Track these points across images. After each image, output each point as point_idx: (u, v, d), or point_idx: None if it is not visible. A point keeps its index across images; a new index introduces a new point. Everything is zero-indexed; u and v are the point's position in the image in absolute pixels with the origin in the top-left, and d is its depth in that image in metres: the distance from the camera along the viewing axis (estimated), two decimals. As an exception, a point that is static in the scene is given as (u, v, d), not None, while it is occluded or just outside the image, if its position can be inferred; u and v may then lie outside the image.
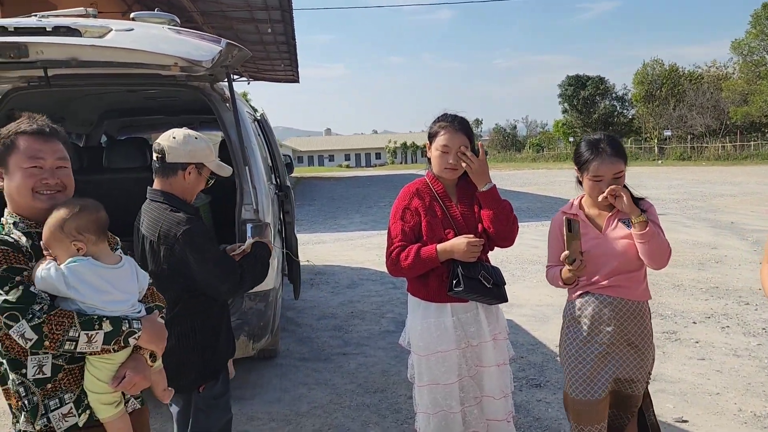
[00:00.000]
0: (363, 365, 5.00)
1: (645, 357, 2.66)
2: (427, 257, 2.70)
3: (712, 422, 3.80)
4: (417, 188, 2.85)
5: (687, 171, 30.63)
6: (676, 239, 10.40)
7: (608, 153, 2.60)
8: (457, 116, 2.80)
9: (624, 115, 55.40)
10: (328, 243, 11.44)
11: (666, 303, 6.55)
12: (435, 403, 2.75)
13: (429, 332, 2.75)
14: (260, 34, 17.58)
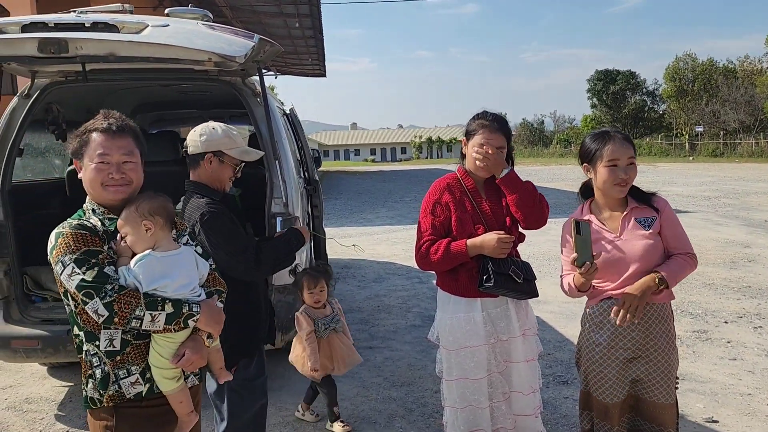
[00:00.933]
0: (389, 359, 5.03)
1: (670, 360, 2.58)
2: (456, 252, 2.71)
3: (743, 423, 3.75)
4: (448, 183, 2.86)
5: (719, 168, 30.03)
6: (707, 237, 10.23)
7: (619, 137, 2.56)
8: (497, 115, 2.82)
9: (654, 110, 54.49)
10: (354, 237, 11.47)
11: (697, 302, 6.46)
12: (463, 398, 2.77)
13: (459, 327, 2.77)
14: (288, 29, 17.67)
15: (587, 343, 2.65)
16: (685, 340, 5.28)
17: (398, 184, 25.08)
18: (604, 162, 2.53)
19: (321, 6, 15.59)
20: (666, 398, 2.58)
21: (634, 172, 2.56)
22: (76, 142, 2.10)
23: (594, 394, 2.64)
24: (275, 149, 4.21)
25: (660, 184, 20.73)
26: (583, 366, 2.68)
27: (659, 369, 2.56)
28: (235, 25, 16.27)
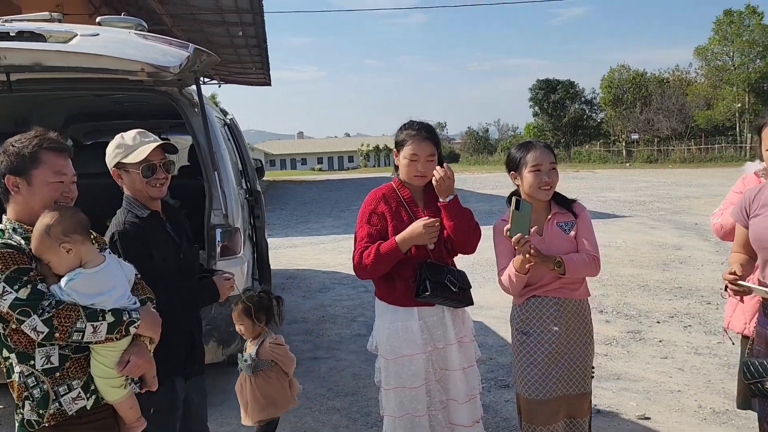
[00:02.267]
0: (334, 369, 5.02)
1: (588, 353, 2.80)
2: (387, 250, 2.70)
3: (673, 419, 3.91)
4: (384, 193, 2.88)
5: (653, 173, 31.25)
6: (642, 240, 10.64)
7: (541, 145, 2.78)
8: (424, 124, 2.85)
9: (593, 118, 56.28)
10: (300, 247, 11.43)
11: (631, 303, 6.70)
12: (401, 407, 2.78)
13: (396, 336, 2.79)
14: (231, 37, 17.48)
15: (515, 342, 2.81)
16: (620, 340, 5.47)
17: (345, 193, 25.07)
18: (529, 168, 2.72)
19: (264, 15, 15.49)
20: (583, 388, 2.78)
21: (556, 176, 2.77)
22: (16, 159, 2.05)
23: (524, 393, 2.74)
24: (214, 160, 4.17)
25: (599, 190, 21.43)
26: (516, 366, 2.81)
27: (579, 361, 2.75)
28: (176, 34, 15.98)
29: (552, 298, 2.73)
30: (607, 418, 3.96)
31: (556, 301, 2.72)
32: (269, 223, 14.91)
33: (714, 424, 3.82)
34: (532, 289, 2.75)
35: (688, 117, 45.36)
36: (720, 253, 9.19)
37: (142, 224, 2.56)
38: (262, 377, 3.08)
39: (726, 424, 3.81)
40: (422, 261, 2.77)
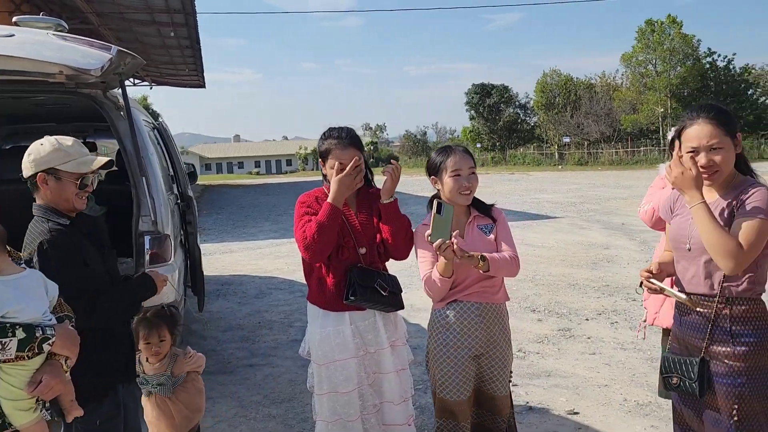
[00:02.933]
0: (270, 376, 4.95)
1: (506, 356, 2.85)
2: (325, 213, 2.67)
3: (600, 413, 4.05)
4: (317, 196, 2.87)
5: (584, 176, 32.35)
6: (573, 241, 11.00)
7: (460, 150, 2.81)
8: (344, 130, 2.83)
9: (527, 122, 57.79)
10: (236, 252, 11.24)
11: (562, 302, 6.92)
12: (334, 412, 2.78)
13: (328, 341, 2.78)
14: (163, 38, 17.03)
15: (435, 345, 2.81)
16: (551, 338, 5.64)
17: (283, 197, 24.80)
18: (449, 173, 2.75)
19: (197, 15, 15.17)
20: (502, 390, 2.83)
21: (476, 181, 2.81)
22: None
23: (443, 395, 2.79)
24: (141, 165, 4.05)
25: (533, 192, 22.03)
26: (432, 368, 2.83)
27: (498, 364, 2.81)
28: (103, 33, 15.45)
29: (473, 303, 2.75)
30: (538, 414, 4.07)
31: (477, 305, 2.75)
32: (204, 229, 14.64)
33: (638, 416, 3.98)
34: (453, 293, 2.77)
35: (616, 121, 47.26)
36: (644, 251, 9.61)
37: (67, 231, 2.46)
38: (181, 392, 2.85)
39: (649, 415, 3.98)
40: (353, 265, 2.78)
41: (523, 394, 4.39)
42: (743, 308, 2.24)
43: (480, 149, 56.14)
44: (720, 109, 2.28)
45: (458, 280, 2.75)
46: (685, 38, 44.63)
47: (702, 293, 2.31)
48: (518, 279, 8.02)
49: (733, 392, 2.23)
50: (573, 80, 52.11)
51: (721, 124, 2.23)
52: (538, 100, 53.43)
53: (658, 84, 45.15)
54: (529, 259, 9.40)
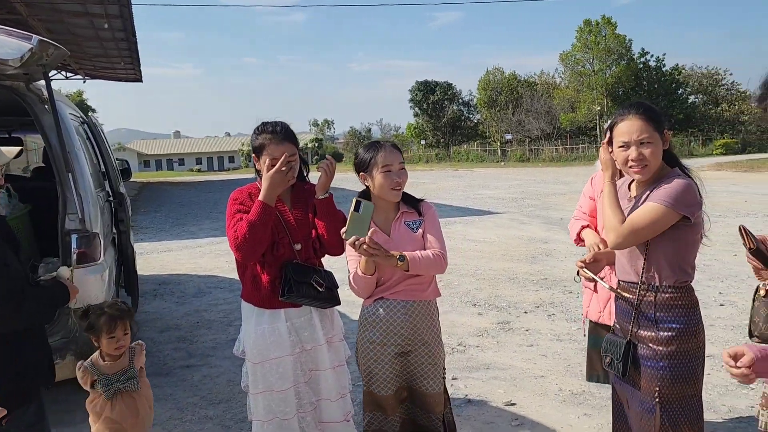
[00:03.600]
0: (207, 376, 4.85)
1: (436, 353, 2.84)
2: (257, 212, 2.62)
3: (536, 403, 4.14)
4: (249, 192, 2.81)
5: (525, 172, 33.06)
6: (513, 235, 11.21)
7: (389, 146, 2.78)
8: (279, 124, 2.78)
9: (470, 119, 58.61)
10: (175, 251, 10.95)
11: (502, 295, 7.04)
12: (269, 411, 2.74)
13: (263, 339, 2.74)
14: (96, 30, 16.38)
15: (363, 341, 2.82)
16: (491, 331, 5.73)
17: (225, 194, 24.17)
18: (379, 169, 2.72)
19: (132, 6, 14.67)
20: (434, 388, 2.82)
21: (406, 176, 2.79)
22: None
23: (372, 389, 2.80)
24: (67, 160, 3.88)
25: (476, 188, 22.35)
26: (361, 363, 2.84)
27: (427, 361, 2.80)
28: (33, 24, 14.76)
29: (401, 301, 2.74)
30: (476, 406, 4.13)
31: (404, 303, 2.74)
32: (142, 227, 14.22)
33: (572, 404, 4.09)
34: (380, 291, 2.76)
35: (555, 119, 48.51)
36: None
37: None
38: (143, 385, 2.86)
39: (582, 404, 4.09)
40: (288, 261, 2.74)
41: (462, 387, 4.44)
42: (668, 296, 2.36)
43: (424, 146, 56.63)
44: (649, 107, 2.41)
45: (385, 278, 2.74)
46: (619, 38, 46.17)
47: (628, 280, 2.46)
48: (460, 274, 8.13)
49: (655, 375, 2.35)
50: (515, 78, 53.19)
51: (650, 120, 2.36)
52: (481, 97, 54.28)
53: (595, 83, 46.58)
54: (471, 255, 9.54)
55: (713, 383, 4.33)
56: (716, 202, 14.38)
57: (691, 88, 49.58)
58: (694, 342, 2.38)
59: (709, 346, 5.09)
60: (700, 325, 2.43)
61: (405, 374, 2.82)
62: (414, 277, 2.75)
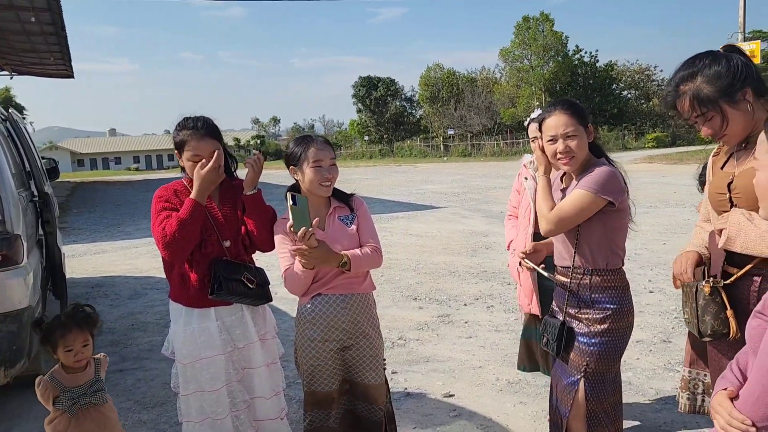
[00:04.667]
0: (142, 380, 4.71)
1: (377, 344, 2.85)
2: (188, 210, 2.58)
3: (474, 393, 4.21)
4: (175, 189, 2.76)
5: (467, 167, 33.56)
6: (455, 229, 11.35)
7: (320, 140, 2.77)
8: (200, 119, 2.72)
9: (413, 115, 59.04)
10: (109, 252, 10.61)
11: (443, 289, 7.12)
12: (201, 411, 2.69)
13: (193, 339, 2.68)
14: (22, 23, 15.64)
15: (302, 339, 2.77)
16: (431, 324, 5.78)
17: (164, 193, 23.70)
18: (310, 164, 2.68)
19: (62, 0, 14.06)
20: (376, 379, 2.83)
21: (336, 172, 2.76)
22: None
23: (314, 387, 2.77)
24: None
25: (419, 183, 22.54)
26: (301, 362, 2.80)
27: (368, 353, 2.80)
28: (-50, 17, 13.97)
29: (339, 295, 2.72)
30: (415, 399, 4.16)
31: (343, 297, 2.72)
32: (74, 228, 13.71)
33: (508, 393, 4.17)
34: (317, 287, 2.73)
35: (496, 114, 49.40)
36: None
37: None
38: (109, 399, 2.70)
39: (518, 392, 4.18)
40: (217, 259, 2.69)
41: (402, 381, 4.47)
42: (601, 278, 2.54)
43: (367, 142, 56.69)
44: (573, 103, 2.59)
45: (321, 274, 2.71)
46: (556, 35, 47.36)
47: (564, 265, 2.64)
48: (402, 269, 8.18)
49: (586, 350, 2.54)
50: (456, 74, 53.86)
51: (575, 115, 2.52)
52: (423, 93, 54.72)
53: (533, 78, 47.65)
54: (412, 249, 9.61)
55: (642, 367, 4.50)
56: (648, 193, 14.97)
57: (624, 83, 51.35)
58: (625, 321, 2.59)
59: (639, 331, 5.34)
60: (631, 306, 2.63)
61: (347, 368, 2.81)
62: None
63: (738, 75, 2.08)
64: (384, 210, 14.32)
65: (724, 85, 2.08)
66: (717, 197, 2.27)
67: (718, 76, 2.09)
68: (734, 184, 2.18)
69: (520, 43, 48.24)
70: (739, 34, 28.46)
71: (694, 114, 2.15)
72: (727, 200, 2.21)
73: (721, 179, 2.25)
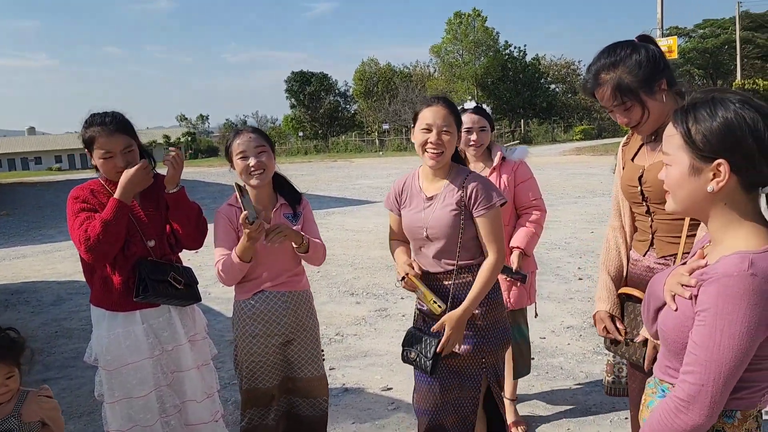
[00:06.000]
0: (67, 389, 4.50)
1: (316, 338, 2.88)
2: (112, 210, 2.47)
3: (411, 386, 4.16)
4: (92, 189, 2.63)
5: (403, 161, 33.73)
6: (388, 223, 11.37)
7: (248, 130, 2.73)
8: (109, 115, 2.61)
9: (347, 110, 58.91)
10: (30, 257, 10.08)
11: (379, 283, 7.12)
12: (129, 419, 2.58)
13: (117, 344, 2.57)
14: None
15: (244, 336, 2.73)
16: (368, 319, 5.78)
17: (90, 193, 22.73)
18: (235, 155, 2.67)
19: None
20: (316, 371, 2.84)
21: (269, 160, 2.69)
22: None
23: (254, 384, 2.73)
24: None
25: (354, 178, 22.51)
26: (242, 359, 2.75)
27: (308, 347, 2.80)
28: None
29: (279, 292, 2.72)
30: (354, 394, 4.15)
31: (284, 294, 2.72)
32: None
33: (445, 384, 4.21)
34: (258, 284, 2.70)
35: (430, 108, 49.85)
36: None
37: None
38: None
39: (455, 382, 4.22)
40: (142, 259, 2.58)
41: (340, 376, 4.44)
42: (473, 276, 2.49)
43: (302, 138, 56.22)
44: (452, 102, 2.56)
45: (262, 271, 2.69)
46: (487, 31, 48.23)
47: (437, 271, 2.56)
48: (338, 264, 8.14)
49: (480, 348, 2.54)
50: (391, 69, 54.07)
51: (452, 113, 2.49)
52: (357, 88, 54.67)
53: (465, 74, 48.39)
54: (349, 244, 9.57)
55: (572, 352, 4.64)
56: (575, 184, 15.49)
57: (551, 77, 52.88)
58: (500, 310, 2.62)
59: (569, 317, 5.50)
60: (500, 293, 2.68)
61: (288, 364, 2.79)
62: (290, 270, 2.75)
63: (657, 65, 2.09)
64: (320, 206, 14.22)
65: (645, 76, 2.08)
66: (629, 189, 2.27)
67: (639, 66, 2.07)
68: (645, 178, 2.18)
69: (452, 38, 48.87)
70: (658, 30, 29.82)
71: (614, 103, 2.12)
72: (639, 193, 2.21)
73: (632, 171, 2.25)
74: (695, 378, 1.33)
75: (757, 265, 1.29)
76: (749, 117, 1.32)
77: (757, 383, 1.39)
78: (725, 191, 1.37)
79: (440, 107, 2.47)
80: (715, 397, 1.32)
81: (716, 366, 1.31)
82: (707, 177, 1.37)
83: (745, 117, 1.32)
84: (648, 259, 2.26)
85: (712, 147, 1.34)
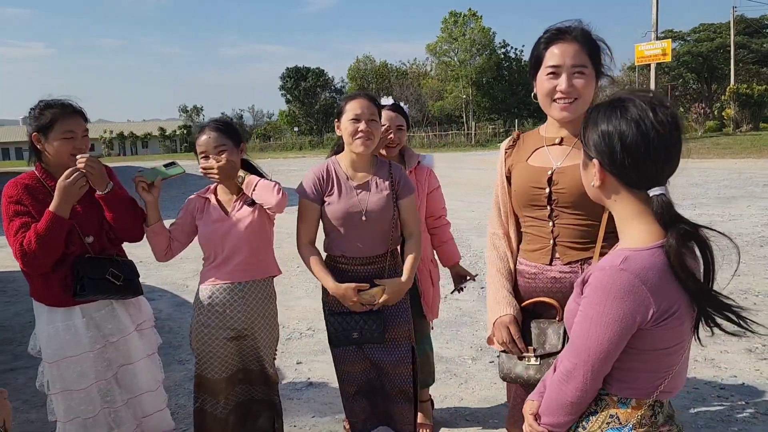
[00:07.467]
0: (33, 378, 4.43)
1: (272, 334, 2.87)
2: (47, 223, 2.40)
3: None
4: (26, 184, 2.55)
5: (396, 158, 33.75)
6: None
7: (211, 127, 2.75)
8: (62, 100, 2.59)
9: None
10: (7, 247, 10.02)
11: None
12: (69, 411, 2.59)
13: (57, 338, 2.56)
14: None
15: (197, 324, 2.77)
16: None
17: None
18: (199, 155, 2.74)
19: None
20: (269, 367, 2.85)
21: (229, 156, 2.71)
22: None
23: (204, 372, 2.76)
24: None
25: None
26: (194, 346, 2.78)
27: (264, 344, 2.81)
28: None
29: (237, 283, 2.72)
30: (317, 388, 4.17)
31: (241, 286, 2.73)
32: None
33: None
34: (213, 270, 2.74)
35: (425, 106, 49.96)
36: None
37: None
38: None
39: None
40: (80, 257, 2.56)
41: (306, 371, 4.47)
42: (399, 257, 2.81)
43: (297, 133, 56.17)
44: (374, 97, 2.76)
45: (222, 257, 2.71)
46: (483, 30, 48.25)
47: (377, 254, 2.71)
48: (318, 259, 8.13)
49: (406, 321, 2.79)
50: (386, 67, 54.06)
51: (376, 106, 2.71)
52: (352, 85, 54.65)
53: (460, 73, 48.42)
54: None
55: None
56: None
57: (547, 78, 52.88)
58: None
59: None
60: None
61: (240, 357, 2.80)
62: (253, 255, 2.73)
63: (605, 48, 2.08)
64: (307, 201, 14.21)
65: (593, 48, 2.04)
66: (531, 191, 2.13)
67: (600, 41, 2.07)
68: (556, 179, 2.07)
69: (447, 37, 48.87)
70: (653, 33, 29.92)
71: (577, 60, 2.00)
72: (545, 195, 2.09)
73: (534, 173, 2.13)
74: (570, 356, 1.49)
75: (629, 261, 1.39)
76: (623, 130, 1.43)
77: (646, 373, 1.47)
78: (608, 187, 1.51)
79: (365, 100, 2.68)
80: (586, 376, 1.47)
81: (585, 350, 1.45)
82: (592, 172, 1.52)
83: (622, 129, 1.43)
84: (553, 269, 2.11)
85: (590, 148, 1.50)
